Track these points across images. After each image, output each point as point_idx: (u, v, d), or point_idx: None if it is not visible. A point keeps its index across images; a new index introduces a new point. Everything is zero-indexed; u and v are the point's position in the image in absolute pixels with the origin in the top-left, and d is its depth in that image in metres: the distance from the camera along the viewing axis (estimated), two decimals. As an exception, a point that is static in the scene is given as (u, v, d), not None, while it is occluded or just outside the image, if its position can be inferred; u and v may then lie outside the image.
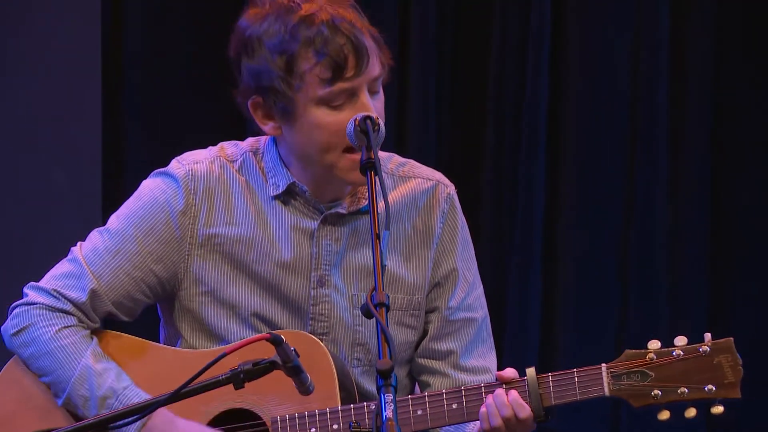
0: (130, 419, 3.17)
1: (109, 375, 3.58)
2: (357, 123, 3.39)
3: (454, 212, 3.73)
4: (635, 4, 6.02)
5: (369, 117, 3.40)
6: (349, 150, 3.49)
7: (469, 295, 3.74)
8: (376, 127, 3.39)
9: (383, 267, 3.11)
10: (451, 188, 3.75)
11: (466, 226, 3.77)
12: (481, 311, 3.76)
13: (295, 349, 3.04)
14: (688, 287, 5.94)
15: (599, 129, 5.99)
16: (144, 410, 3.12)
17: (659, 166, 5.95)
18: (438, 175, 3.76)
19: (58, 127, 5.75)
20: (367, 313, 3.01)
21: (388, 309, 3.04)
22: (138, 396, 3.54)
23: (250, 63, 3.54)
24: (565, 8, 5.92)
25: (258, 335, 3.03)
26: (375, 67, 3.52)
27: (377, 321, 2.98)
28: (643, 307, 5.90)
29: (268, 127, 3.60)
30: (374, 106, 3.52)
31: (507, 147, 5.92)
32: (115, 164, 5.79)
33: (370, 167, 3.30)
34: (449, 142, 6.03)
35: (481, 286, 3.81)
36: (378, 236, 3.16)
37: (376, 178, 3.30)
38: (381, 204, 3.37)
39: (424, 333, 3.72)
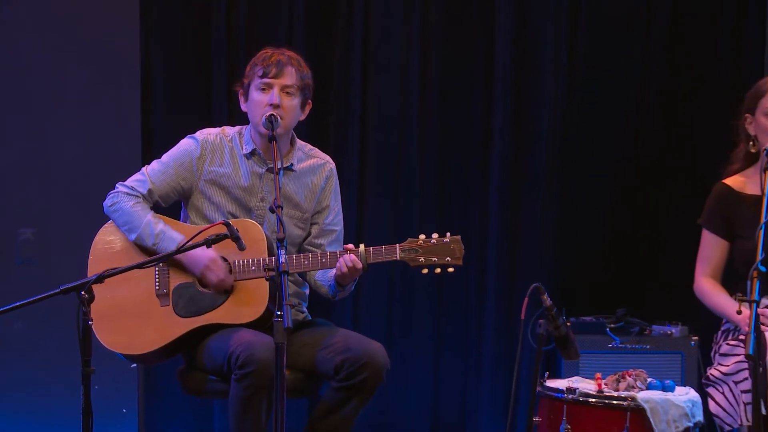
0: (166, 257, 4.43)
1: (160, 224, 4.65)
2: (266, 117, 4.58)
3: (332, 177, 4.87)
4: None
5: (272, 114, 4.55)
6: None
7: (335, 218, 4.89)
8: (277, 120, 4.56)
9: (280, 189, 4.47)
10: (333, 165, 4.86)
11: (339, 185, 4.86)
12: (340, 227, 4.89)
13: (237, 229, 4.09)
14: (428, 203, 6.64)
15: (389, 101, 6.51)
16: (168, 256, 4.38)
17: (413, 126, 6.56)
18: (327, 157, 4.86)
19: (109, 125, 6.14)
20: (272, 210, 4.25)
21: (282, 209, 4.22)
22: (175, 235, 4.60)
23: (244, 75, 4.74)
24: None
25: (219, 221, 4.26)
26: (288, 79, 4.65)
27: (277, 215, 4.19)
28: (408, 214, 6.62)
29: (244, 106, 4.70)
30: (280, 99, 4.60)
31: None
32: (148, 140, 6.28)
33: (274, 139, 4.50)
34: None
35: (342, 214, 4.87)
36: (277, 173, 4.40)
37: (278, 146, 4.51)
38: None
39: (309, 234, 4.85)
